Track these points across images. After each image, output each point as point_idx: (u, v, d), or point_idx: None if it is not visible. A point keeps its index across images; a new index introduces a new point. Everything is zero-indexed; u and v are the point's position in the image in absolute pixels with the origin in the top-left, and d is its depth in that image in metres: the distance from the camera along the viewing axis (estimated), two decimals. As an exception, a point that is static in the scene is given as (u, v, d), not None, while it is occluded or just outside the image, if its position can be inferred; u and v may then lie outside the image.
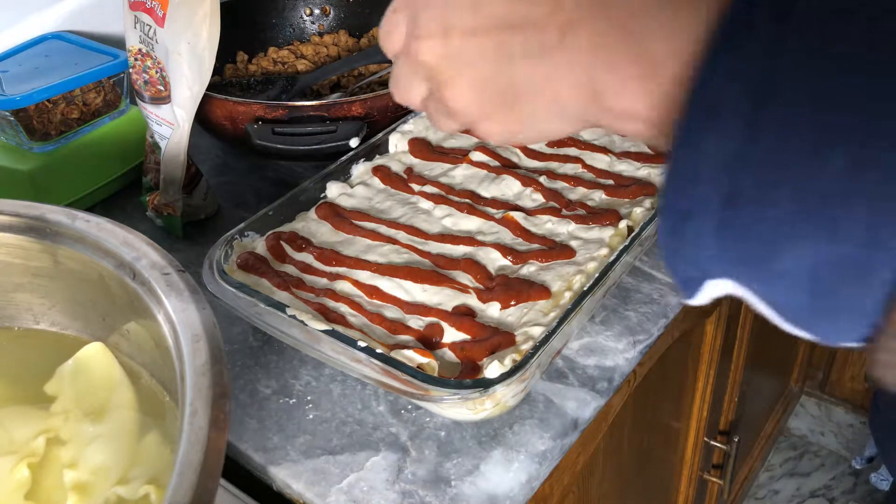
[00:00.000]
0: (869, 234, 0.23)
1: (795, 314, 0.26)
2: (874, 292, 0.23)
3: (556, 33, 0.32)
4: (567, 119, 0.34)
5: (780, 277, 0.25)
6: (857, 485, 1.65)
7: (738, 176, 0.25)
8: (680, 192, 0.27)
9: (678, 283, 0.30)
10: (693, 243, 0.27)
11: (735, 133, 0.24)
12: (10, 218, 0.46)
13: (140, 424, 0.46)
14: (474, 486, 0.50)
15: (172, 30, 0.64)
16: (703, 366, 0.93)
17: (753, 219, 0.25)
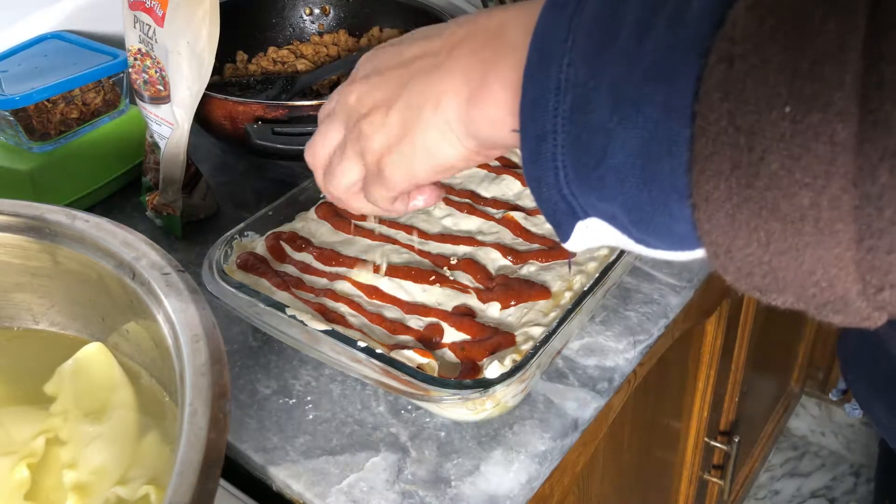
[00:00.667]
0: (663, 109, 0.27)
1: (640, 215, 0.30)
2: (679, 161, 0.27)
3: (446, 53, 0.38)
4: (450, 135, 0.38)
5: (617, 174, 0.29)
6: (858, 485, 1.65)
7: (570, 93, 0.30)
8: (531, 119, 0.32)
9: (550, 221, 0.34)
10: (550, 164, 0.32)
11: (563, 63, 0.31)
12: (10, 218, 0.46)
13: (140, 425, 0.46)
14: (474, 487, 0.49)
15: (172, 29, 0.64)
16: (703, 366, 0.93)
17: (585, 125, 0.30)
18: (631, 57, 0.28)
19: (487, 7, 0.96)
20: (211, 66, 0.66)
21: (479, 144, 0.38)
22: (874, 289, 0.25)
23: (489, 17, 0.37)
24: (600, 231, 0.32)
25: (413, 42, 0.42)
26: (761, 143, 0.25)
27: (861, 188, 0.24)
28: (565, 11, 0.31)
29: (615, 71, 0.29)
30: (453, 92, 0.37)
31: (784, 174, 0.25)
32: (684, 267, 0.65)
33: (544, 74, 0.31)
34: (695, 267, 0.65)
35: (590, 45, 0.30)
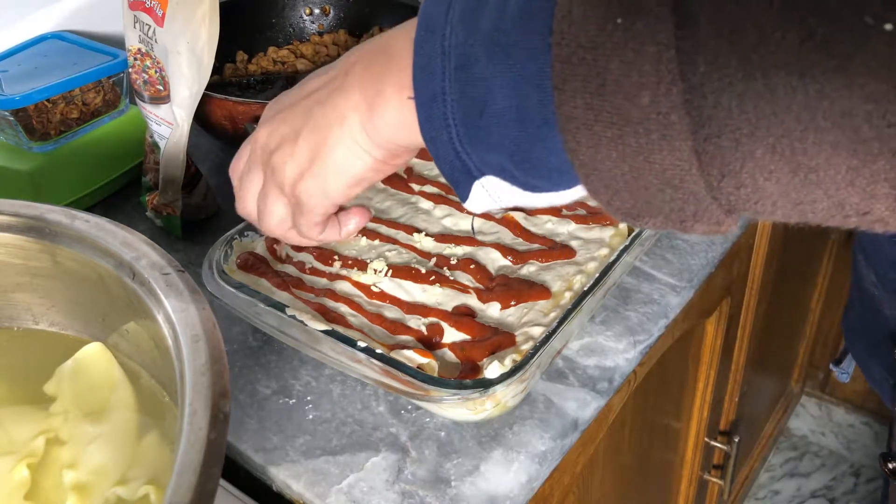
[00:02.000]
0: (527, 51, 0.31)
1: (522, 156, 0.33)
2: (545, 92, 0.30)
3: (342, 76, 0.42)
4: (357, 149, 0.41)
5: (498, 120, 0.33)
6: (858, 485, 1.65)
7: (453, 54, 0.34)
8: (423, 84, 0.35)
9: (449, 181, 0.37)
10: (442, 123, 0.35)
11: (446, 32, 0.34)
12: (10, 218, 0.46)
13: (140, 425, 0.46)
14: (474, 487, 0.49)
15: (171, 29, 0.64)
16: (703, 366, 0.93)
17: (468, 80, 0.33)
18: (499, 12, 0.32)
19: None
20: (211, 66, 0.66)
21: (387, 152, 0.41)
22: (716, 179, 0.28)
23: (377, 39, 0.41)
24: (495, 188, 0.36)
25: (313, 78, 0.45)
26: (603, 55, 0.28)
27: (687, 81, 0.26)
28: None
29: (488, 27, 0.32)
30: (353, 107, 0.40)
31: (624, 79, 0.28)
32: (684, 267, 0.65)
33: (430, 43, 0.35)
34: (695, 267, 0.65)
35: (466, 11, 0.34)
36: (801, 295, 1.39)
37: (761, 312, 1.08)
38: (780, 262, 1.10)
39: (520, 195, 0.35)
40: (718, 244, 0.68)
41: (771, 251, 0.99)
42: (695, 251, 0.67)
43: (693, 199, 0.29)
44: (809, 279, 1.40)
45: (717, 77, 0.26)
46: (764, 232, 0.94)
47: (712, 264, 0.67)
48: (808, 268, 1.36)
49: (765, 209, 0.29)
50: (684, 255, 0.67)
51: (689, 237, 0.69)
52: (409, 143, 0.40)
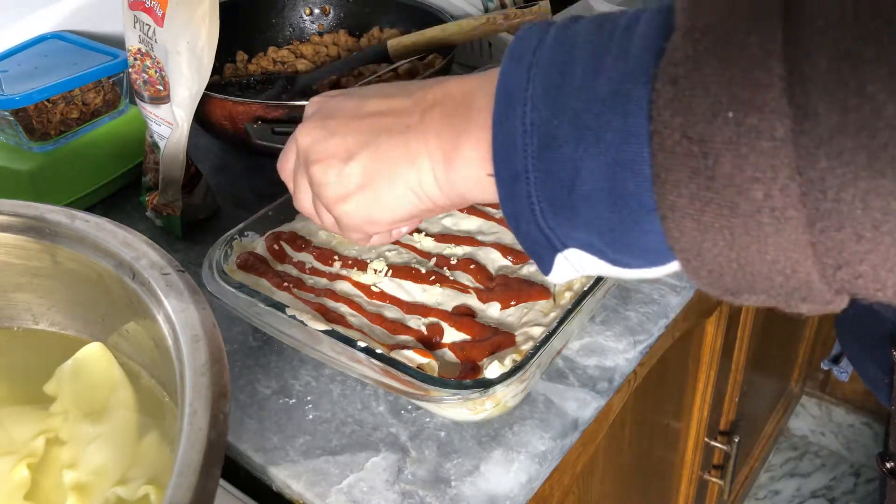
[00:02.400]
0: (621, 135, 0.30)
1: (613, 236, 0.32)
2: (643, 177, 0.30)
3: (418, 115, 0.41)
4: (420, 192, 0.41)
5: (588, 200, 0.32)
6: (858, 485, 1.65)
7: (536, 132, 0.33)
8: (504, 162, 0.34)
9: (532, 256, 0.36)
10: (526, 202, 0.34)
11: (526, 108, 0.33)
12: (10, 218, 0.46)
13: (139, 425, 0.46)
14: (474, 487, 0.49)
15: (171, 29, 0.64)
16: (703, 366, 0.93)
17: (553, 160, 0.33)
18: (587, 92, 0.31)
19: (487, 8, 0.96)
20: (210, 66, 0.66)
21: (451, 202, 0.41)
22: (831, 269, 0.27)
23: (457, 85, 0.40)
24: (579, 260, 0.35)
25: (372, 97, 0.44)
26: (713, 149, 0.27)
27: (805, 175, 0.26)
28: (523, 62, 0.34)
29: (575, 107, 0.32)
30: (428, 153, 0.40)
31: (737, 173, 0.27)
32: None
33: (511, 120, 0.34)
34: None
35: (549, 88, 0.33)
36: (801, 295, 1.39)
37: (761, 312, 1.08)
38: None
39: (606, 268, 0.35)
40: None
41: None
42: (695, 251, 0.67)
43: (804, 285, 0.29)
44: (809, 279, 1.40)
45: (841, 173, 0.25)
46: (764, 232, 0.94)
47: (712, 264, 0.67)
48: (808, 268, 1.36)
49: (884, 295, 0.28)
50: (684, 255, 0.67)
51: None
52: (482, 200, 0.40)
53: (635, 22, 0.32)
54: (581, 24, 0.34)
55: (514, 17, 0.78)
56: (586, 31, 0.33)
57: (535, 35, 0.35)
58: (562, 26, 0.34)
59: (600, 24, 0.33)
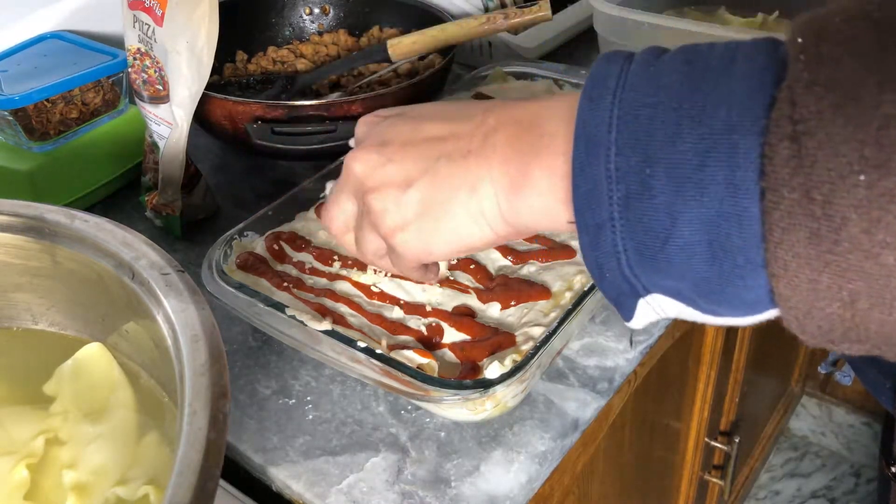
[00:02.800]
0: (727, 188, 0.28)
1: (709, 287, 0.31)
2: (751, 233, 0.28)
3: (479, 140, 0.39)
4: (482, 220, 0.39)
5: (683, 252, 0.30)
6: (858, 485, 1.65)
7: (623, 180, 0.31)
8: (587, 210, 0.33)
9: (613, 303, 0.35)
10: (611, 251, 0.33)
11: (611, 153, 0.32)
12: (9, 218, 0.46)
13: (139, 425, 0.46)
14: (474, 487, 0.49)
15: (171, 29, 0.64)
16: (703, 366, 0.93)
17: (645, 210, 0.31)
18: (684, 141, 0.30)
19: (487, 8, 0.96)
20: (210, 66, 0.66)
21: (514, 231, 0.39)
22: None
23: (522, 109, 0.38)
24: (663, 305, 0.34)
25: (429, 120, 0.42)
26: (839, 211, 0.26)
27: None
28: (603, 103, 0.32)
29: (669, 156, 0.30)
30: (491, 179, 0.38)
31: (865, 237, 0.26)
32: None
33: (594, 166, 0.32)
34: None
35: (636, 134, 0.31)
36: (802, 295, 1.39)
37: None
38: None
39: (692, 314, 0.33)
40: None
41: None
42: (695, 251, 0.67)
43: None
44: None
45: None
46: (764, 232, 0.94)
47: (712, 264, 0.67)
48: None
49: None
50: (684, 255, 0.66)
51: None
52: (548, 230, 0.38)
53: (731, 61, 0.30)
54: (666, 62, 0.32)
55: (514, 16, 0.78)
56: (674, 70, 0.31)
57: (612, 73, 0.33)
58: (643, 62, 0.33)
59: (689, 62, 0.31)
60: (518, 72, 0.85)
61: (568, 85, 0.82)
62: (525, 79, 0.84)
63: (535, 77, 0.84)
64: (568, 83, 0.82)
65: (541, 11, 0.78)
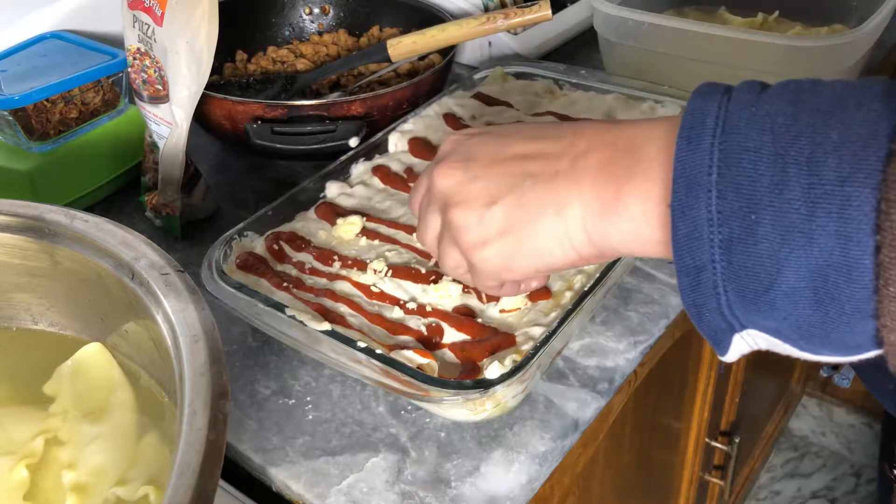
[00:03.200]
0: (838, 239, 0.29)
1: (812, 331, 0.31)
2: (862, 285, 0.28)
3: (569, 161, 0.38)
4: (566, 242, 0.39)
5: (788, 298, 0.30)
6: (859, 485, 1.65)
7: (726, 224, 0.31)
8: (687, 252, 0.33)
9: (709, 340, 0.35)
10: (711, 292, 0.33)
11: (711, 196, 0.32)
12: (9, 218, 0.46)
13: (139, 425, 0.46)
14: (474, 487, 0.49)
15: (170, 29, 0.64)
16: (703, 366, 0.93)
17: (749, 255, 0.31)
18: (792, 190, 0.30)
19: (487, 8, 0.96)
20: (209, 66, 0.66)
21: (599, 254, 0.39)
22: None
23: (615, 133, 0.38)
24: (757, 339, 0.34)
25: (516, 138, 0.42)
26: None
27: None
28: (703, 144, 0.32)
29: (777, 204, 0.30)
30: (581, 202, 0.37)
31: None
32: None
33: (694, 208, 0.32)
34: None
35: (741, 178, 0.31)
36: (802, 295, 1.39)
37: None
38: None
39: (788, 349, 0.34)
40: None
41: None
42: (695, 251, 0.67)
43: None
44: (810, 279, 1.40)
45: None
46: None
47: (713, 264, 0.67)
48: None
49: None
50: (685, 255, 0.66)
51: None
52: (639, 255, 0.38)
53: (841, 106, 0.30)
54: (769, 99, 0.32)
55: (514, 16, 0.78)
56: (778, 112, 0.31)
57: (710, 111, 0.33)
58: (742, 101, 0.32)
59: (794, 103, 0.31)
60: (518, 72, 0.85)
61: (568, 85, 0.82)
62: (525, 79, 0.84)
63: (536, 77, 0.84)
64: (568, 83, 0.82)
65: (541, 11, 0.78)
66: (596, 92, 0.80)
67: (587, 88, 0.81)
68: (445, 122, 0.77)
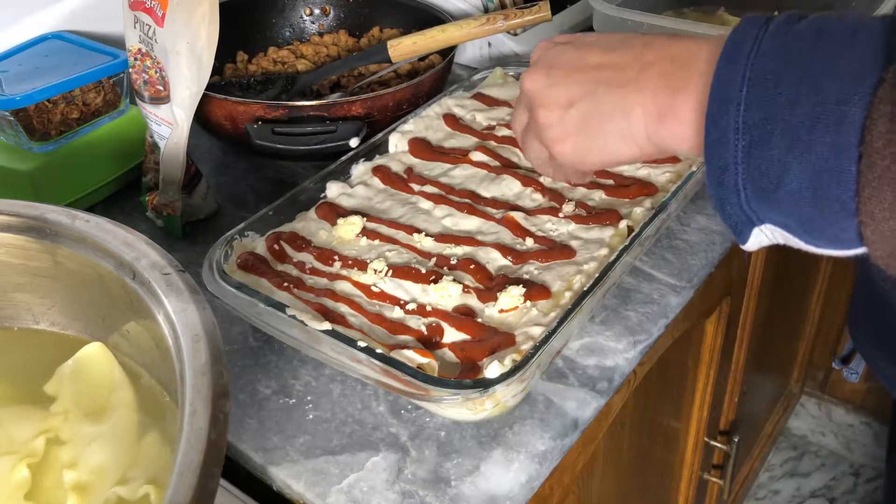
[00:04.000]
0: (832, 149, 0.34)
1: (812, 226, 0.37)
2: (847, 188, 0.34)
3: (636, 71, 0.45)
4: (630, 140, 0.45)
5: (792, 196, 0.36)
6: (858, 485, 1.65)
7: (748, 133, 0.37)
8: (716, 153, 0.39)
9: (731, 230, 0.41)
10: (733, 189, 0.38)
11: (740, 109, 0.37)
12: (10, 218, 0.46)
13: (140, 424, 0.46)
14: (474, 487, 0.49)
15: (171, 29, 0.64)
16: (703, 366, 0.93)
17: (763, 159, 0.37)
18: (802, 106, 0.35)
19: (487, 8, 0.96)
20: (210, 67, 0.66)
21: (656, 151, 0.46)
22: None
23: (676, 46, 0.44)
24: (773, 233, 0.39)
25: (594, 49, 0.48)
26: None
27: None
28: (738, 65, 0.38)
29: (788, 118, 0.36)
30: (643, 107, 0.44)
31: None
32: (684, 267, 0.65)
33: (725, 119, 0.38)
34: (694, 267, 0.65)
35: (763, 95, 0.37)
36: (801, 295, 1.39)
37: (761, 312, 1.08)
38: (780, 261, 1.10)
39: (797, 243, 0.39)
40: (718, 244, 0.68)
41: (770, 251, 0.99)
42: (694, 251, 0.67)
43: None
44: (809, 279, 1.40)
45: None
46: (764, 232, 0.94)
47: (712, 264, 0.67)
48: (808, 268, 1.36)
49: None
50: (684, 255, 0.67)
51: (689, 236, 0.69)
52: (683, 153, 0.45)
53: (852, 37, 0.35)
54: (798, 31, 0.37)
55: (514, 17, 0.78)
56: (803, 40, 0.37)
57: (749, 37, 0.38)
58: (778, 32, 0.38)
59: (818, 33, 0.36)
60: (518, 72, 0.85)
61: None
62: (525, 79, 0.84)
63: (535, 77, 0.84)
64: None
65: (541, 12, 0.78)
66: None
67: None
68: (445, 123, 0.77)
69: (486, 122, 0.77)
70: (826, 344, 1.59)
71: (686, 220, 0.70)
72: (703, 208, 0.72)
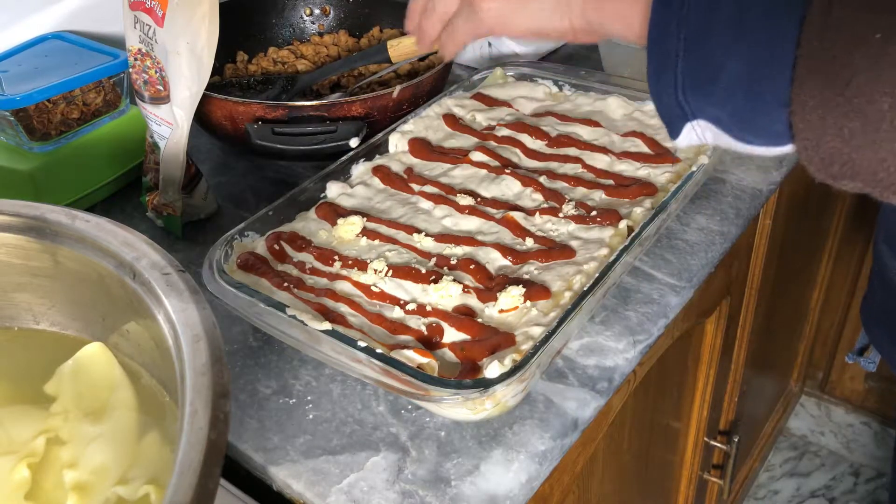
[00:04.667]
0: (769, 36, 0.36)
1: (743, 117, 0.38)
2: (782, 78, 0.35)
3: None
4: (564, 12, 0.45)
5: (726, 88, 0.37)
6: (857, 485, 1.65)
7: (691, 23, 0.38)
8: (657, 40, 0.39)
9: (665, 123, 0.41)
10: (671, 79, 0.39)
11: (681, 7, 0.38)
12: (10, 218, 0.46)
13: (140, 424, 0.46)
14: (474, 486, 0.50)
15: (171, 30, 0.64)
16: (703, 366, 0.93)
17: (704, 45, 0.38)
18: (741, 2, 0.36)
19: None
20: (210, 67, 0.66)
21: (587, 28, 0.45)
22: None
23: None
24: (705, 131, 0.40)
25: None
26: (852, 65, 0.33)
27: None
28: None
29: (731, 12, 0.37)
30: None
31: (869, 86, 0.33)
32: (684, 267, 0.65)
33: (668, 8, 0.39)
34: (694, 267, 0.66)
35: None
36: (801, 295, 1.39)
37: (761, 312, 1.08)
38: (780, 262, 1.10)
39: (727, 140, 0.40)
40: (718, 244, 0.69)
41: (770, 251, 0.99)
42: (694, 251, 0.67)
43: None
44: (809, 279, 1.40)
45: None
46: (763, 232, 0.94)
47: (712, 264, 0.67)
48: (808, 268, 1.36)
49: None
50: (684, 255, 0.67)
51: (689, 237, 0.69)
52: (618, 35, 0.44)
53: None
54: None
55: (514, 17, 0.78)
56: None
57: None
58: None
59: None
60: (518, 72, 0.85)
61: (567, 85, 0.82)
62: (525, 79, 0.84)
63: (535, 78, 0.84)
64: (567, 83, 0.82)
65: (540, 12, 0.78)
66: (596, 92, 0.80)
67: (587, 89, 0.81)
68: (445, 123, 0.77)
69: (485, 122, 0.78)
70: (826, 344, 1.59)
71: (686, 220, 0.70)
72: (703, 208, 0.72)
